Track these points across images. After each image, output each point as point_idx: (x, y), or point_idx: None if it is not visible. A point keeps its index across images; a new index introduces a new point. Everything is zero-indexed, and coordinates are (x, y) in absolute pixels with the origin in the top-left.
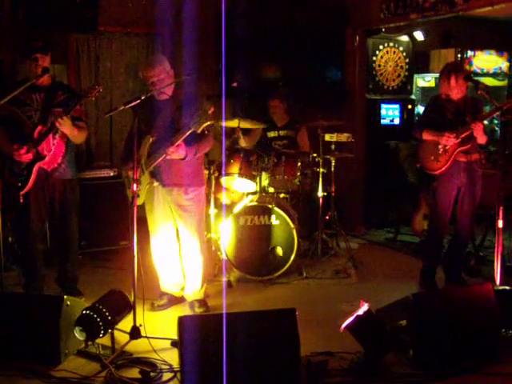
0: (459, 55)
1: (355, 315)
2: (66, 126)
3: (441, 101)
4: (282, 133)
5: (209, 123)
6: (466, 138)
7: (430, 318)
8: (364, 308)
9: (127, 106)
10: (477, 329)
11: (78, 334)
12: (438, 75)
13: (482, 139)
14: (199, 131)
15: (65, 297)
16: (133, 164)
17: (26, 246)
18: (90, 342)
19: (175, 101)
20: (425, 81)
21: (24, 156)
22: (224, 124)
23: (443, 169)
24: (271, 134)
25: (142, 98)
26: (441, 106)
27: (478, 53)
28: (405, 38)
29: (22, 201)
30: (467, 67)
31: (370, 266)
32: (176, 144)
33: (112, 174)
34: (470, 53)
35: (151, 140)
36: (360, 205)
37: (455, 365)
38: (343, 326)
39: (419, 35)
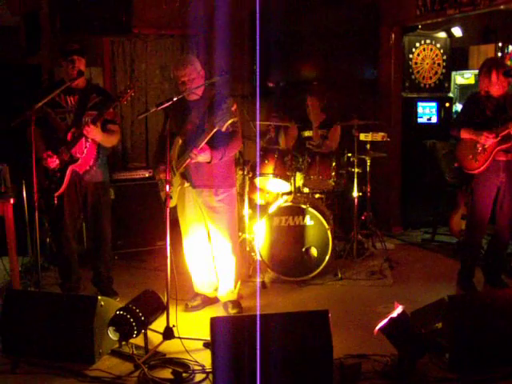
0: (499, 51)
1: (389, 317)
2: (92, 133)
3: (480, 98)
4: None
5: (232, 120)
6: (505, 137)
7: (466, 321)
8: (398, 310)
9: (159, 108)
10: None
11: (112, 334)
12: (477, 72)
13: None
14: (224, 129)
15: (99, 297)
16: (164, 166)
17: (60, 247)
18: (123, 342)
19: (206, 101)
20: (463, 78)
21: (52, 163)
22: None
23: (482, 168)
24: (306, 134)
25: (174, 99)
26: (480, 103)
27: None
28: (442, 35)
29: (56, 202)
30: (508, 63)
31: (406, 267)
32: (200, 147)
33: (147, 175)
34: (511, 48)
35: (181, 141)
36: (396, 205)
37: (492, 370)
38: (377, 328)
39: (457, 31)
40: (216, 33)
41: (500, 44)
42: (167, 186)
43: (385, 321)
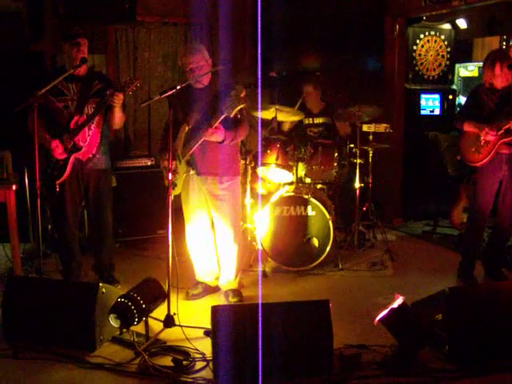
0: (504, 43)
1: (390, 308)
2: (120, 102)
3: (484, 90)
4: (317, 120)
5: (241, 106)
6: (508, 130)
7: (466, 313)
8: (399, 301)
9: (162, 96)
10: None
11: (113, 322)
12: (481, 64)
13: None
14: (232, 115)
15: (100, 284)
16: (169, 154)
17: (62, 234)
18: (124, 330)
19: (211, 90)
20: (467, 70)
21: (59, 154)
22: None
23: (485, 161)
24: (306, 121)
25: (178, 87)
26: (484, 96)
27: None
28: (447, 26)
29: (57, 189)
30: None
31: (407, 259)
32: (214, 126)
33: (149, 163)
34: None
35: (187, 129)
36: (398, 196)
37: (492, 362)
38: (377, 318)
39: (462, 23)
40: (219, 21)
41: (505, 36)
42: (170, 175)
43: (385, 311)
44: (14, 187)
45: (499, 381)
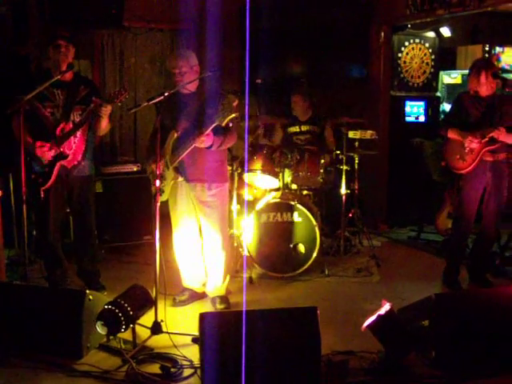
0: (487, 51)
1: (377, 314)
2: (108, 113)
3: (469, 97)
4: (304, 128)
5: (233, 116)
6: (492, 139)
7: (452, 319)
8: (386, 307)
9: (150, 103)
10: (501, 332)
11: (100, 329)
12: (464, 72)
13: (509, 140)
14: (223, 124)
15: (87, 291)
16: (156, 160)
17: (46, 240)
18: (111, 337)
19: (199, 96)
20: (451, 77)
21: (47, 153)
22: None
23: (469, 168)
24: (292, 129)
25: (166, 94)
26: (468, 103)
27: (507, 49)
28: (431, 34)
29: (42, 196)
30: (495, 63)
31: (392, 265)
32: (206, 133)
33: (135, 169)
34: (498, 49)
35: (176, 135)
36: (383, 203)
37: (477, 368)
38: (365, 325)
39: (446, 31)
40: (206, 28)
41: (487, 45)
42: (157, 181)
43: (372, 318)
44: None
45: None
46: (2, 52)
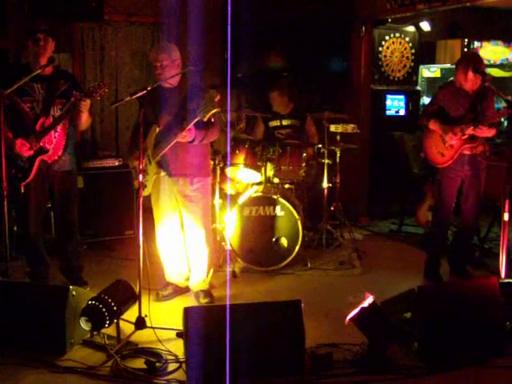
0: (466, 46)
1: (360, 307)
2: (87, 107)
3: (453, 89)
4: (285, 122)
5: (215, 111)
6: (472, 136)
7: (434, 311)
8: (369, 300)
9: (133, 97)
10: (481, 322)
11: (84, 324)
12: (444, 66)
13: (489, 134)
14: (205, 119)
15: (70, 287)
16: (139, 154)
17: (27, 235)
18: (95, 332)
19: (181, 90)
20: (430, 71)
21: (26, 151)
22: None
23: (448, 164)
24: (273, 123)
25: (149, 88)
26: (452, 96)
27: (485, 43)
28: (411, 29)
29: (22, 191)
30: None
31: (374, 257)
32: (187, 128)
33: (117, 164)
34: (476, 43)
35: (157, 130)
36: (364, 195)
37: (459, 357)
38: (348, 317)
39: (426, 26)
40: (187, 21)
41: (466, 40)
42: (140, 176)
43: (356, 311)
44: None
45: (466, 375)
46: None
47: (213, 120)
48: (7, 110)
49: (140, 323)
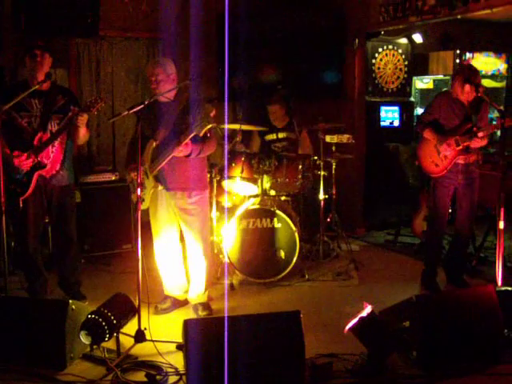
0: (458, 57)
1: (359, 317)
2: (84, 121)
3: (449, 100)
4: (280, 135)
5: (210, 126)
6: (467, 147)
7: (432, 320)
8: (367, 310)
9: (131, 112)
10: (479, 330)
11: (84, 338)
12: (436, 77)
13: (482, 144)
14: (201, 134)
15: (70, 301)
16: (135, 166)
17: (25, 250)
18: (95, 346)
19: (178, 105)
20: (423, 82)
21: (24, 162)
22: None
23: (442, 173)
24: (269, 137)
25: (146, 102)
26: (447, 106)
27: (477, 55)
28: (404, 41)
29: (21, 205)
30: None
31: (371, 268)
32: (184, 143)
33: (114, 178)
34: (468, 55)
35: (154, 144)
36: (360, 206)
37: (458, 366)
38: (347, 327)
39: (418, 37)
40: (182, 35)
41: (458, 51)
42: (138, 190)
43: (354, 320)
44: None
45: (465, 383)
46: None
47: (209, 134)
48: (5, 126)
49: (140, 336)
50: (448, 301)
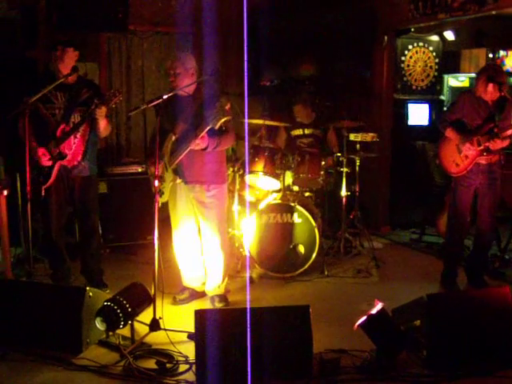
0: (491, 55)
1: (368, 314)
2: (103, 114)
3: (472, 99)
4: (307, 131)
5: (225, 119)
6: (488, 148)
7: (444, 319)
8: (378, 307)
9: (149, 105)
10: (491, 331)
11: (99, 325)
12: (472, 75)
13: (503, 145)
14: (217, 127)
15: (87, 288)
16: (155, 160)
17: (49, 238)
18: (110, 333)
19: (197, 99)
20: (458, 80)
21: (46, 161)
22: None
23: (462, 173)
24: (296, 132)
25: (165, 97)
26: (471, 105)
27: (511, 52)
28: (435, 38)
29: (43, 194)
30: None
31: (392, 267)
32: (200, 136)
33: (140, 170)
34: (502, 52)
35: (174, 138)
36: (385, 205)
37: (468, 366)
38: (357, 324)
39: (450, 35)
40: (209, 30)
41: (491, 48)
42: (156, 182)
43: (364, 317)
44: (5, 192)
45: None
46: (12, 56)
47: (225, 128)
48: (32, 117)
49: (154, 325)
50: (460, 301)
